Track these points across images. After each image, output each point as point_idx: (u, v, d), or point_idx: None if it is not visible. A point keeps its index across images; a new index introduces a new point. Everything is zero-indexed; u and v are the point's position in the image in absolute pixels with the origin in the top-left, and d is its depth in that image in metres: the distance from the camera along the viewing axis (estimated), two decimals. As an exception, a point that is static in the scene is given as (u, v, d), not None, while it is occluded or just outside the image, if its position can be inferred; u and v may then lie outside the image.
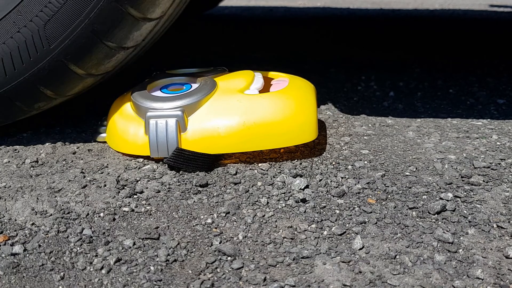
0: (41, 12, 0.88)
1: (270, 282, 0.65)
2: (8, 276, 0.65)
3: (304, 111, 0.93)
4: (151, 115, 0.91)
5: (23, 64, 0.91)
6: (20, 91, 0.94)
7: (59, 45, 0.89)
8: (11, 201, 0.81)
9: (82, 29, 0.88)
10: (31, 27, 0.89)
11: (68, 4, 0.87)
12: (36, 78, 0.92)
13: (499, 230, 0.76)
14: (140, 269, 0.67)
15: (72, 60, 0.91)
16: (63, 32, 0.88)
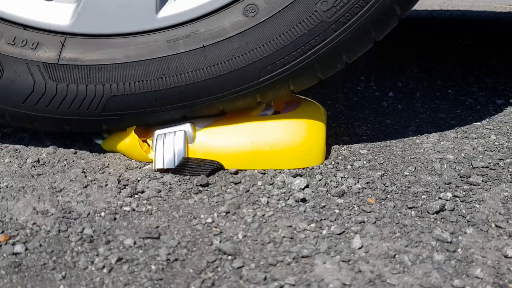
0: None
1: (270, 281, 0.65)
2: (9, 276, 0.65)
3: (312, 136, 0.94)
4: (160, 131, 0.93)
5: None
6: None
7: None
8: (12, 200, 0.82)
9: None
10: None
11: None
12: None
13: (497, 229, 0.76)
14: (141, 268, 0.67)
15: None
16: None
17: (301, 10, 0.86)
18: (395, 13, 0.88)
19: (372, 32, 0.88)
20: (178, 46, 0.88)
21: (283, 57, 0.87)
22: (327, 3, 0.85)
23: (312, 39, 0.86)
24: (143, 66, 0.88)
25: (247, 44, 0.86)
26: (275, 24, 0.86)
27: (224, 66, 0.87)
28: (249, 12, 0.87)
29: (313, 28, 0.86)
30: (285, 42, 0.86)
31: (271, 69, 0.87)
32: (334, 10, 0.85)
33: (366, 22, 0.86)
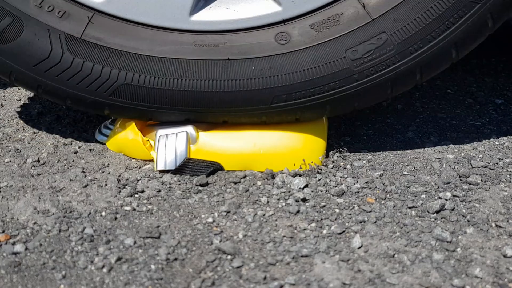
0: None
1: (270, 281, 0.65)
2: (10, 275, 0.66)
3: (314, 140, 0.94)
4: (162, 132, 0.93)
5: None
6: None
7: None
8: (13, 200, 0.82)
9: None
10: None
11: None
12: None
13: (497, 229, 0.77)
14: (141, 268, 0.67)
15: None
16: None
17: (330, 52, 0.87)
18: (450, 56, 0.90)
19: (389, 90, 0.90)
20: (203, 53, 0.88)
21: (300, 90, 0.88)
22: (356, 52, 0.87)
23: (332, 82, 0.88)
24: (164, 63, 0.88)
25: (270, 69, 0.87)
26: (302, 58, 0.88)
27: (241, 84, 0.88)
28: (281, 39, 0.88)
29: (336, 72, 0.88)
30: (306, 78, 0.87)
31: (285, 98, 0.88)
32: (361, 62, 0.87)
33: (387, 80, 0.89)
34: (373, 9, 0.87)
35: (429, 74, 0.91)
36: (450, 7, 0.86)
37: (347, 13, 0.88)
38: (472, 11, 0.86)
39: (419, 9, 0.86)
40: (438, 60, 0.89)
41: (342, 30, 0.87)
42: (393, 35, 0.87)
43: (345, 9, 0.88)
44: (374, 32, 0.87)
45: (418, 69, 0.89)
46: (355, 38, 0.87)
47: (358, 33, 0.87)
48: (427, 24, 0.86)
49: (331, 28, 0.88)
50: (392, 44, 0.87)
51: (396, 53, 0.87)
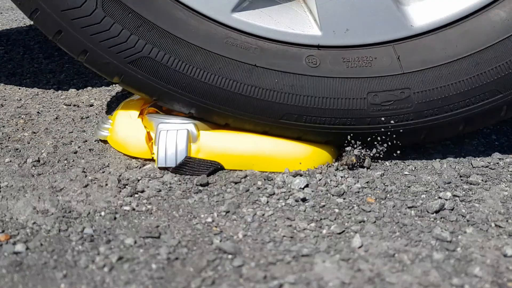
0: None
1: (270, 280, 0.65)
2: (11, 274, 0.66)
3: (320, 148, 0.94)
4: (163, 127, 0.92)
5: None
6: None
7: None
8: (12, 200, 0.82)
9: None
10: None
11: None
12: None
13: (497, 229, 0.77)
14: (142, 267, 0.67)
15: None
16: None
17: (353, 90, 0.89)
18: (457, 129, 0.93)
19: (393, 140, 0.93)
20: (232, 52, 0.89)
21: (311, 115, 0.89)
22: (377, 97, 0.89)
23: (345, 118, 0.90)
24: (191, 50, 0.88)
25: (291, 86, 0.88)
26: (324, 86, 0.89)
27: (259, 92, 0.89)
28: (311, 62, 0.89)
29: (351, 110, 0.89)
30: (322, 106, 0.89)
31: (296, 118, 0.90)
32: (378, 108, 0.89)
33: (394, 132, 0.91)
34: (406, 63, 0.88)
35: (431, 139, 0.95)
36: (474, 88, 0.88)
37: (380, 59, 0.89)
38: (492, 99, 0.89)
39: (448, 80, 0.88)
40: (445, 128, 0.92)
41: (371, 73, 0.89)
42: (416, 94, 0.89)
43: (381, 55, 0.89)
44: (399, 85, 0.89)
45: (424, 131, 0.91)
46: (381, 85, 0.89)
47: (384, 81, 0.89)
48: (449, 96, 0.89)
49: (361, 68, 0.89)
50: (412, 102, 0.89)
51: (412, 111, 0.89)
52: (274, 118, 0.90)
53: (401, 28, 0.89)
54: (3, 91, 1.37)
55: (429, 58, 0.89)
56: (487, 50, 0.88)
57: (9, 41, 2.10)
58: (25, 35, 2.26)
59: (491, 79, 0.88)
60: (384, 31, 0.89)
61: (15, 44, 2.04)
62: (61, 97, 1.32)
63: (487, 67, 0.88)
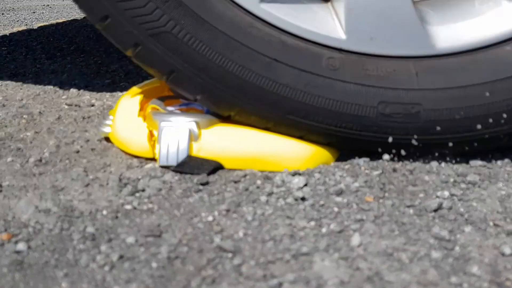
0: None
1: (270, 278, 0.66)
2: (12, 273, 0.66)
3: (322, 149, 0.95)
4: (165, 125, 0.93)
5: None
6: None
7: None
8: (14, 199, 0.82)
9: None
10: None
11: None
12: None
13: (495, 228, 0.77)
14: (143, 266, 0.68)
15: None
16: None
17: (366, 97, 0.90)
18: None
19: (390, 153, 0.95)
20: (254, 40, 0.89)
21: (318, 116, 0.90)
22: (387, 108, 0.89)
23: (351, 123, 0.91)
24: (225, 40, 0.88)
25: (305, 84, 0.89)
26: (337, 89, 0.90)
27: (273, 85, 0.89)
28: (330, 64, 0.89)
29: (360, 116, 0.90)
30: (330, 107, 0.90)
31: (302, 115, 0.91)
32: (386, 119, 0.90)
33: (394, 144, 0.93)
34: (422, 80, 0.89)
35: (424, 154, 0.95)
36: (482, 116, 0.90)
37: (399, 71, 0.89)
38: (496, 129, 0.92)
39: (459, 103, 0.90)
40: (445, 148, 0.94)
41: (387, 84, 0.89)
42: (426, 111, 0.89)
43: (399, 68, 0.90)
44: (412, 100, 0.89)
45: (427, 147, 0.93)
46: (394, 96, 0.89)
47: (398, 93, 0.89)
48: (456, 118, 0.90)
49: (378, 77, 0.89)
50: (421, 119, 0.89)
51: (418, 128, 0.90)
52: (281, 113, 0.90)
53: (424, 46, 0.89)
54: (6, 91, 1.38)
55: (445, 79, 0.90)
56: (501, 81, 0.89)
57: (11, 42, 2.11)
58: (27, 35, 2.26)
59: (501, 109, 0.90)
60: (407, 46, 0.89)
61: (17, 45, 2.05)
62: (62, 97, 1.33)
63: (498, 97, 0.89)
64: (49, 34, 2.31)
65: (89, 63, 1.76)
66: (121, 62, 1.77)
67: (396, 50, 0.89)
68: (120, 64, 1.74)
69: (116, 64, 1.74)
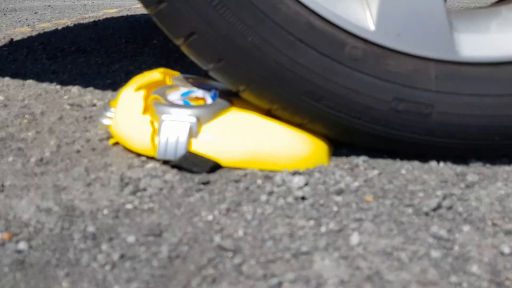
0: None
1: (270, 277, 0.66)
2: (13, 273, 0.66)
3: (317, 140, 0.95)
4: (166, 118, 0.93)
5: None
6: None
7: None
8: (16, 199, 0.83)
9: None
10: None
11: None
12: None
13: (494, 227, 0.77)
14: (143, 265, 0.68)
15: None
16: None
17: (382, 90, 0.90)
18: None
19: (391, 148, 0.97)
20: (289, 21, 0.88)
21: (330, 102, 0.91)
22: (400, 105, 0.91)
23: (362, 114, 0.92)
24: (252, 11, 0.88)
25: (324, 69, 0.89)
26: (355, 78, 0.90)
27: (291, 64, 0.89)
28: (352, 54, 0.89)
29: (370, 107, 0.91)
30: (345, 94, 0.90)
31: (316, 99, 0.91)
32: (396, 115, 0.91)
33: (397, 141, 0.95)
34: (440, 83, 0.90)
35: (424, 155, 0.97)
36: (492, 127, 0.93)
37: (419, 71, 0.90)
38: (505, 143, 0.95)
39: (471, 110, 0.91)
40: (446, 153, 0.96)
41: (405, 81, 0.90)
42: (437, 114, 0.90)
43: (421, 67, 0.90)
44: (426, 100, 0.90)
45: (429, 149, 0.95)
46: (410, 95, 0.90)
47: (415, 92, 0.90)
48: (465, 125, 0.92)
49: (398, 74, 0.90)
50: (430, 120, 0.91)
51: (425, 129, 0.92)
52: (295, 93, 0.90)
53: (448, 51, 0.90)
54: (7, 91, 1.38)
55: (462, 86, 0.90)
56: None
57: (13, 42, 2.11)
58: (28, 36, 2.27)
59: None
60: (432, 48, 0.90)
61: (18, 45, 2.06)
62: (64, 97, 1.33)
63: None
64: (51, 34, 2.31)
65: (90, 63, 1.76)
66: (122, 62, 1.78)
67: (421, 50, 0.90)
68: (121, 64, 1.74)
69: (117, 64, 1.74)
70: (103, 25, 2.63)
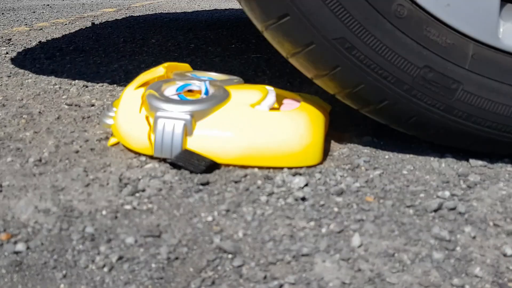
0: None
1: (270, 280, 0.65)
2: (10, 274, 0.66)
3: (311, 136, 0.94)
4: (160, 115, 0.92)
5: None
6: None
7: None
8: (14, 199, 0.82)
9: None
10: None
11: None
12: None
13: (495, 228, 0.77)
14: (142, 267, 0.67)
15: None
16: None
17: (415, 56, 0.89)
18: None
19: (409, 121, 0.95)
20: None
21: (364, 53, 0.89)
22: (429, 74, 0.90)
23: (389, 72, 0.90)
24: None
25: (365, 19, 0.88)
26: (394, 37, 0.89)
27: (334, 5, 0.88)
28: (400, 10, 0.88)
29: (398, 68, 0.89)
30: (379, 51, 0.89)
31: (347, 47, 0.89)
32: (422, 83, 0.90)
33: (418, 113, 0.94)
34: (474, 63, 0.90)
35: (440, 138, 0.98)
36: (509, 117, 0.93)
37: (456, 46, 0.89)
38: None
39: (496, 97, 0.91)
40: (456, 136, 0.96)
41: (440, 52, 0.89)
42: (462, 92, 0.91)
43: (459, 43, 0.89)
44: (455, 76, 0.90)
45: (442, 127, 0.94)
46: (442, 67, 0.89)
47: (447, 65, 0.89)
48: (485, 109, 0.92)
49: (435, 42, 0.89)
50: (454, 96, 0.90)
51: (446, 104, 0.91)
52: (330, 34, 0.89)
53: (491, 35, 0.90)
54: (5, 91, 1.38)
55: (494, 71, 0.90)
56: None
57: (11, 41, 2.11)
58: (26, 35, 2.26)
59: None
60: (476, 27, 0.89)
61: (16, 45, 2.05)
62: (62, 97, 1.33)
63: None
64: (49, 33, 2.31)
65: (88, 62, 1.76)
66: (121, 62, 1.77)
67: (465, 27, 0.89)
68: (120, 64, 1.74)
69: (115, 64, 1.74)
70: (101, 24, 2.63)
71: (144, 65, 1.73)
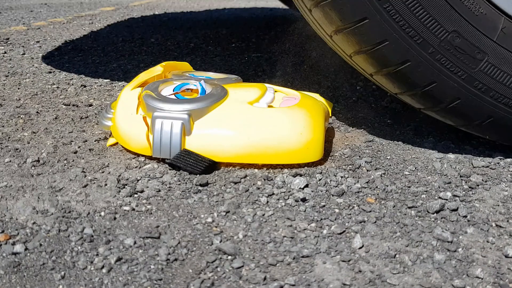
0: None
1: (270, 281, 0.65)
2: (9, 275, 0.65)
3: (310, 132, 0.93)
4: (158, 115, 0.92)
5: None
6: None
7: None
8: (12, 200, 0.82)
9: None
10: None
11: None
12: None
13: (498, 229, 0.76)
14: (141, 268, 0.67)
15: None
16: None
17: (445, 16, 0.88)
18: None
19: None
20: None
21: (402, 14, 0.88)
22: (457, 39, 0.89)
23: (416, 32, 0.89)
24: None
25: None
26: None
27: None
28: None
29: (427, 29, 0.88)
30: (414, 10, 0.88)
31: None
32: (449, 48, 0.90)
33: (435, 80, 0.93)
34: (502, 37, 0.90)
35: (455, 110, 0.96)
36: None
37: (488, 18, 0.89)
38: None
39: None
40: (471, 108, 0.95)
41: (472, 20, 0.89)
42: (486, 63, 0.91)
43: (492, 17, 0.90)
44: (482, 46, 0.90)
45: (458, 97, 0.93)
46: (471, 34, 0.90)
47: (475, 33, 0.90)
48: (505, 84, 0.92)
49: (470, 11, 0.89)
50: (477, 66, 0.90)
51: (468, 74, 0.91)
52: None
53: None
54: (3, 91, 1.37)
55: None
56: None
57: (8, 41, 2.10)
58: (24, 35, 2.25)
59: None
60: (510, 3, 0.90)
61: (14, 44, 2.04)
62: (60, 97, 1.32)
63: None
64: (47, 33, 2.30)
65: (87, 62, 1.75)
66: (120, 61, 1.76)
67: (499, 1, 0.90)
68: (118, 64, 1.73)
69: (114, 64, 1.73)
70: (100, 23, 2.62)
71: (143, 64, 1.72)
